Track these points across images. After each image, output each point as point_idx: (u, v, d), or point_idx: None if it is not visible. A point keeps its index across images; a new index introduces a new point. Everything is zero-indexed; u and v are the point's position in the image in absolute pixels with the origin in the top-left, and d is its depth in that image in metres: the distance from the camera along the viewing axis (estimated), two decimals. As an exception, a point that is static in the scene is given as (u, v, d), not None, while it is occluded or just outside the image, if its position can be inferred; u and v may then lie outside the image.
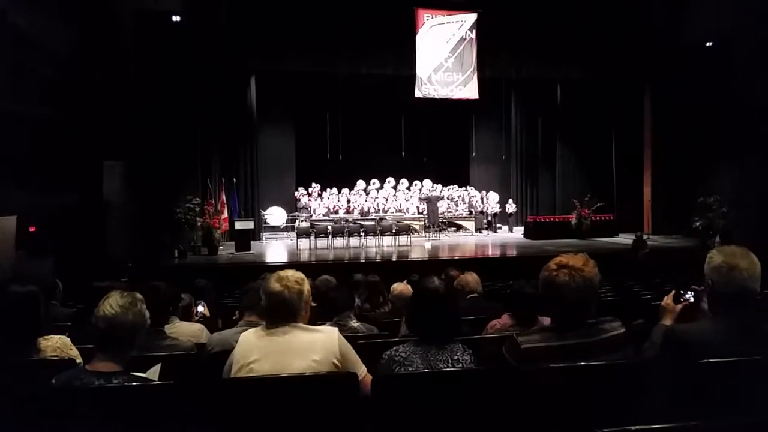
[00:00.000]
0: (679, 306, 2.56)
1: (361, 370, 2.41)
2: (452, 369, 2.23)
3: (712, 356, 2.07)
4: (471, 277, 4.68)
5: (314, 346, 2.33)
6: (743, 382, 1.98)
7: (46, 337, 2.71)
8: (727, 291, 2.25)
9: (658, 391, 2.03)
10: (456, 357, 2.32)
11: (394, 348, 2.39)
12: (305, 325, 2.44)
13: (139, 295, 2.28)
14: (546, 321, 2.85)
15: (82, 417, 1.93)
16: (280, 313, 2.41)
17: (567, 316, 2.18)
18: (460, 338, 2.49)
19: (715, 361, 2.04)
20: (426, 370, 2.19)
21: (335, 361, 2.32)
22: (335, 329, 2.50)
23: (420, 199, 17.43)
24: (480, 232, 17.35)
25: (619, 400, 1.87)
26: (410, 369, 2.24)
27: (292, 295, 2.42)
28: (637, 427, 1.53)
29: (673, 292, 2.60)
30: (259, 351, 2.33)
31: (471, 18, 15.95)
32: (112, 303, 2.19)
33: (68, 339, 2.75)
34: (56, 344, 2.67)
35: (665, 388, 2.07)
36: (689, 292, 2.56)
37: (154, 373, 2.39)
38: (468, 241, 15.95)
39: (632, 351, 2.24)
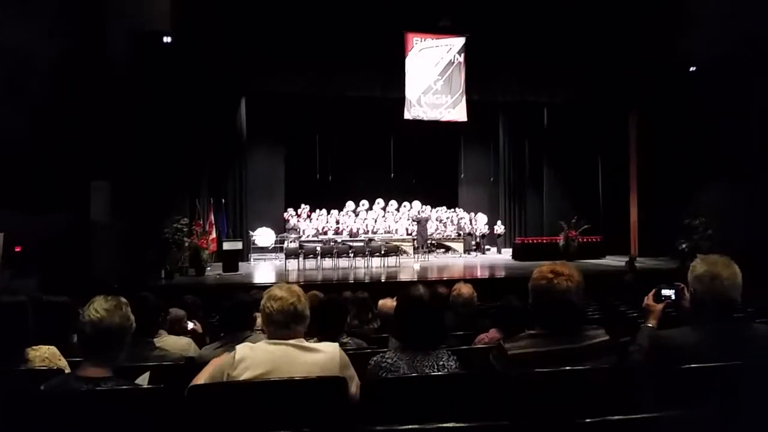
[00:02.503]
0: (661, 305, 2.60)
1: (354, 384, 2.35)
2: (439, 373, 2.24)
3: (694, 362, 2.12)
4: (465, 289, 4.68)
5: (315, 369, 2.27)
6: (724, 385, 2.02)
7: (34, 347, 2.70)
8: (709, 299, 2.30)
9: (642, 395, 2.06)
10: (441, 362, 2.34)
11: (381, 354, 2.42)
12: (307, 344, 2.38)
13: (123, 299, 2.28)
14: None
15: (71, 422, 1.93)
16: (288, 320, 2.36)
17: (563, 321, 2.22)
18: (447, 348, 2.52)
19: (697, 366, 2.09)
20: (413, 375, 2.21)
21: None
22: (336, 346, 2.42)
23: (412, 219, 17.48)
24: (468, 254, 17.41)
25: (604, 403, 1.89)
26: (397, 374, 2.26)
27: (302, 303, 2.42)
28: (616, 417, 1.56)
29: (653, 290, 2.64)
30: (262, 365, 2.25)
31: (459, 42, 16.20)
32: (97, 307, 2.19)
33: (56, 350, 2.74)
34: (44, 354, 2.66)
35: (649, 392, 2.10)
36: (669, 290, 2.59)
37: (143, 382, 2.38)
38: (457, 262, 15.99)
39: (616, 358, 2.27)
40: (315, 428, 1.59)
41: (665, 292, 2.60)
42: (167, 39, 12.10)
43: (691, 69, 14.44)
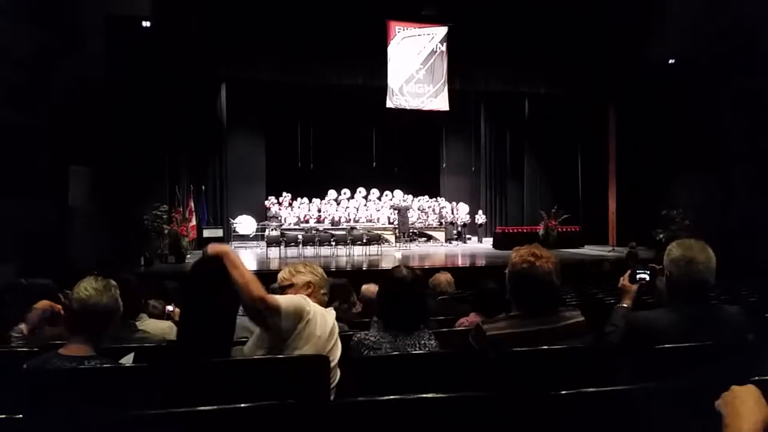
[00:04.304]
0: (635, 286, 2.67)
1: None
2: (420, 352, 2.29)
3: (669, 343, 2.18)
4: (443, 277, 4.75)
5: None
6: (697, 366, 2.08)
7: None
8: (685, 282, 2.36)
9: (617, 375, 2.12)
10: (423, 342, 2.40)
11: (364, 332, 2.48)
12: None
13: (113, 282, 2.31)
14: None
15: (55, 399, 1.93)
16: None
17: (543, 302, 2.28)
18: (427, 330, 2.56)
19: (671, 347, 2.15)
20: (396, 353, 2.25)
21: None
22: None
23: (391, 207, 17.52)
24: (450, 243, 17.51)
25: (579, 381, 1.94)
26: (379, 353, 2.31)
27: None
28: (591, 389, 1.60)
29: (629, 271, 2.71)
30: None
31: (442, 31, 16.20)
32: (87, 286, 2.20)
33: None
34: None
35: (624, 371, 2.16)
36: (645, 271, 2.67)
37: (127, 362, 2.39)
38: (438, 251, 16.08)
39: (591, 338, 2.33)
40: (300, 400, 1.62)
41: (640, 273, 2.68)
42: (146, 24, 11.93)
43: (670, 61, 14.59)
